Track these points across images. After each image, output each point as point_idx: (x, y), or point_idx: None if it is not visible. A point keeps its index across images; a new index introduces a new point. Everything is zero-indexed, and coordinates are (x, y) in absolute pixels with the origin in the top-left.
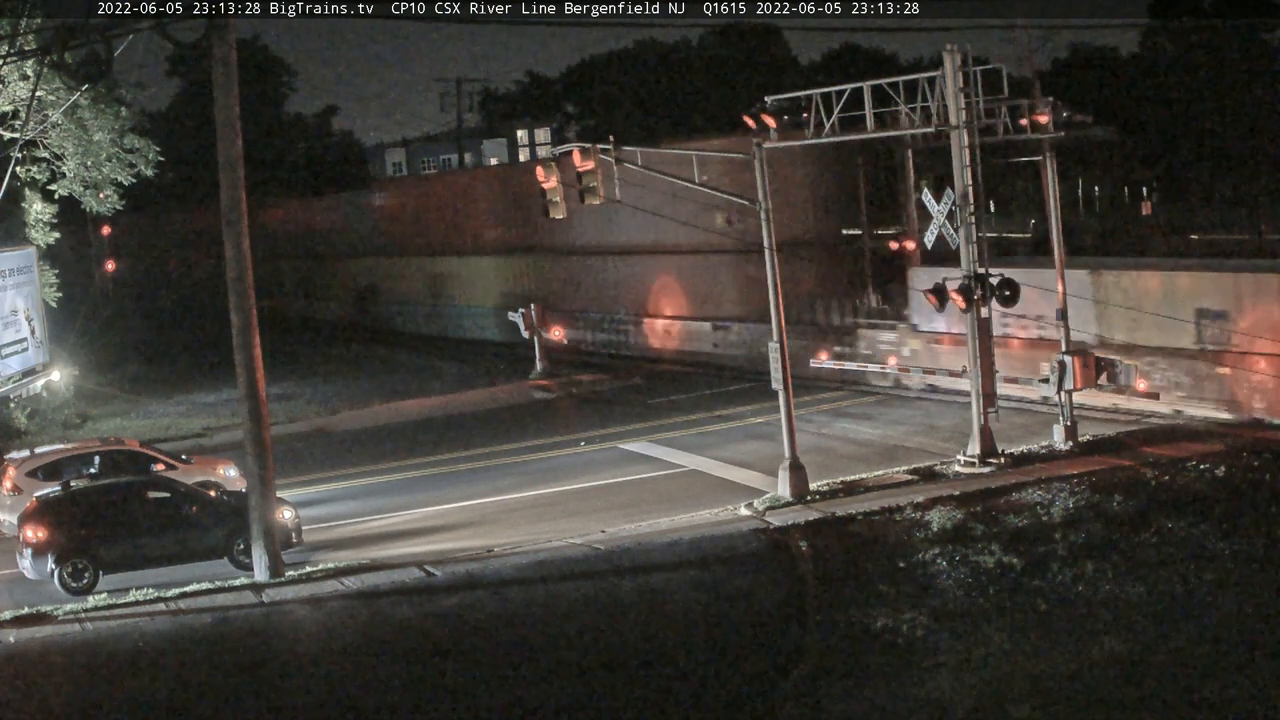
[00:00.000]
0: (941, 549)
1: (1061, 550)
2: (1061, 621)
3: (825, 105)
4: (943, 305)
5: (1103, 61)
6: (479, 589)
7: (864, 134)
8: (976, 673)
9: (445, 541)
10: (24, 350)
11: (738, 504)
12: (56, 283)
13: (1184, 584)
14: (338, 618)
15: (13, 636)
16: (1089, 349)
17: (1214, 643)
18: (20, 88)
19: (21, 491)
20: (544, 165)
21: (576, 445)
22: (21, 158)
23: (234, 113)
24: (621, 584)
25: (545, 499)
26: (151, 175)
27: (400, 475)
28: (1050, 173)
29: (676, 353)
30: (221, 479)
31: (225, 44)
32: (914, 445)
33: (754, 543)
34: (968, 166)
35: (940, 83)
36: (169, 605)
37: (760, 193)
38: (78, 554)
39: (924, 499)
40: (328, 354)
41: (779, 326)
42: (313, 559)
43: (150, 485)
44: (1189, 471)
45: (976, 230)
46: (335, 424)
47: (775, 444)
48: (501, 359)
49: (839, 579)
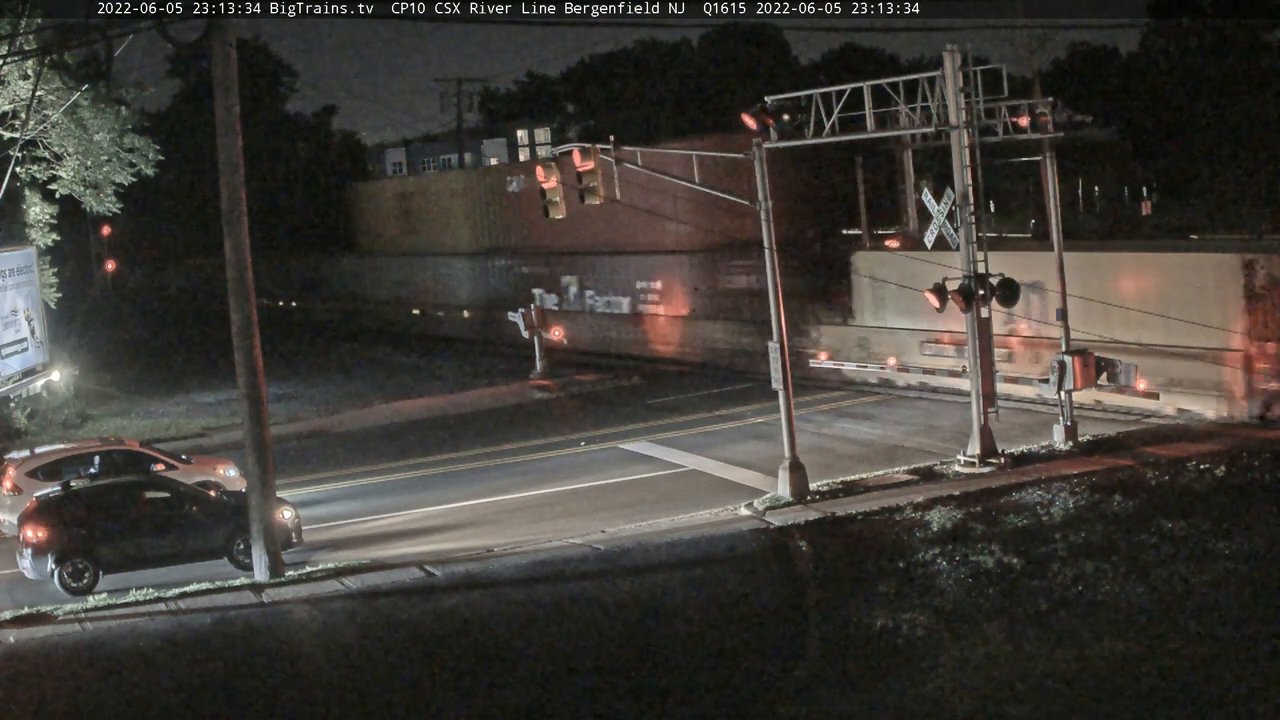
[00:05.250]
0: (941, 549)
1: (1061, 550)
2: (1061, 621)
3: (825, 105)
4: (943, 305)
5: (1103, 61)
6: (479, 589)
7: (864, 134)
8: (976, 673)
9: (445, 541)
10: (24, 350)
11: (738, 504)
12: (56, 283)
13: (1184, 584)
14: (338, 618)
15: (13, 636)
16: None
17: (1214, 643)
18: (20, 88)
19: (21, 491)
20: (544, 165)
21: (576, 445)
22: (21, 158)
23: (234, 113)
24: (621, 584)
25: (545, 499)
26: (151, 175)
27: (400, 475)
28: (1050, 173)
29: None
30: (221, 479)
31: (225, 44)
32: (914, 445)
33: (754, 543)
34: (968, 166)
35: (940, 83)
36: (169, 605)
37: (760, 193)
38: (78, 554)
39: (924, 499)
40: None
41: (779, 326)
42: (313, 559)
43: (150, 485)
44: (1189, 471)
45: (976, 230)
46: (335, 424)
47: (775, 444)
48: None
49: (839, 579)
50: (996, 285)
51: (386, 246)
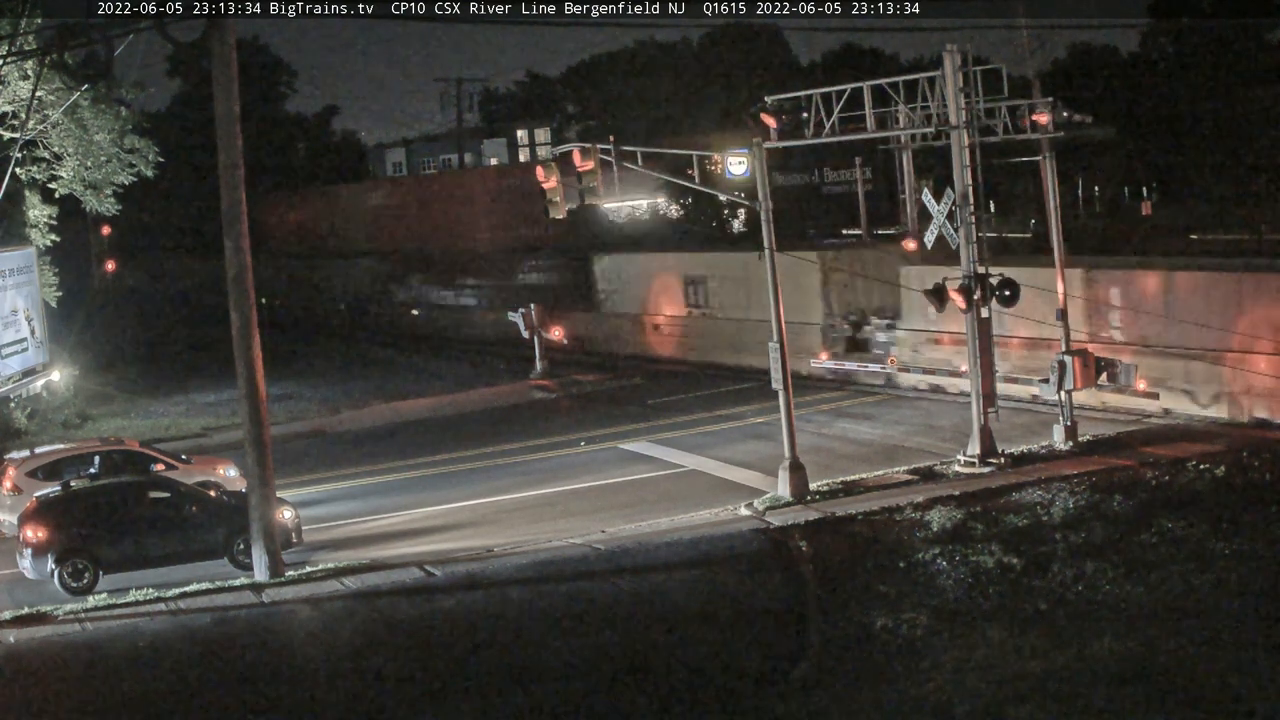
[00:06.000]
0: (941, 549)
1: (1061, 550)
2: (1061, 621)
3: (825, 105)
4: (941, 305)
5: (1102, 61)
6: (479, 589)
7: (864, 134)
8: (976, 673)
9: (445, 541)
10: (24, 350)
11: (738, 504)
12: (56, 282)
13: (1184, 584)
14: (338, 618)
15: (13, 636)
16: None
17: (1214, 643)
18: (20, 88)
19: (21, 491)
20: (544, 166)
21: (576, 445)
22: (21, 158)
23: (234, 113)
24: (621, 584)
25: (545, 499)
26: (151, 175)
27: (400, 475)
28: (1050, 173)
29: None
30: (221, 479)
31: (225, 44)
32: (914, 445)
33: (754, 543)
34: (968, 166)
35: (940, 83)
36: (169, 605)
37: (760, 193)
38: (78, 554)
39: (924, 499)
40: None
41: (778, 326)
42: (313, 559)
43: (150, 485)
44: (1189, 471)
45: (976, 230)
46: (335, 424)
47: (775, 444)
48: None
49: (839, 579)
50: (998, 285)
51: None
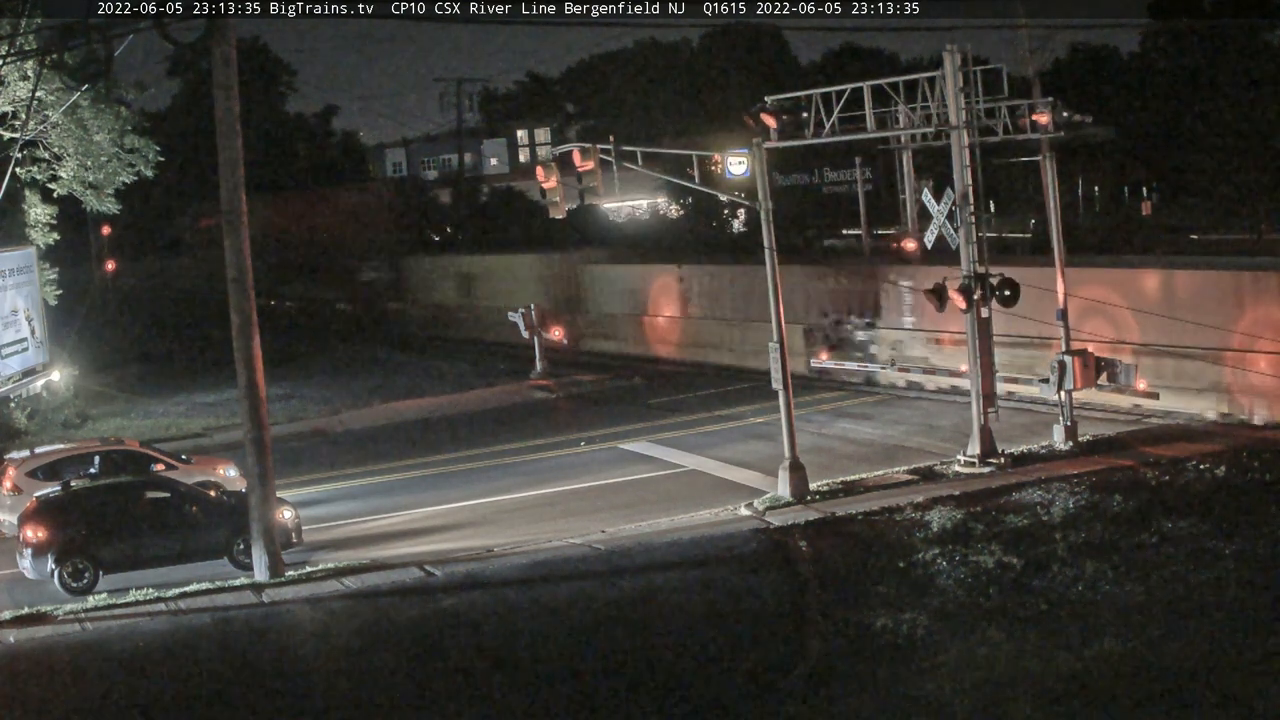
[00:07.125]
0: (941, 549)
1: (1061, 550)
2: (1061, 621)
3: (825, 105)
4: (942, 305)
5: (1102, 61)
6: (479, 589)
7: (864, 134)
8: (976, 673)
9: (445, 541)
10: (24, 350)
11: (738, 504)
12: (56, 282)
13: (1184, 584)
14: (338, 618)
15: (13, 636)
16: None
17: (1214, 643)
18: (20, 88)
19: (21, 491)
20: (544, 166)
21: (576, 445)
22: (21, 158)
23: (234, 113)
24: (621, 584)
25: (545, 499)
26: (151, 175)
27: (400, 475)
28: (1050, 173)
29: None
30: (221, 479)
31: (225, 44)
32: (914, 445)
33: (754, 543)
34: (968, 166)
35: (940, 83)
36: (169, 605)
37: (760, 193)
38: (78, 554)
39: (924, 499)
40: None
41: (778, 326)
42: (313, 559)
43: (150, 485)
44: (1189, 471)
45: (976, 230)
46: (335, 424)
47: (775, 444)
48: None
49: (839, 579)
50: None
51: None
